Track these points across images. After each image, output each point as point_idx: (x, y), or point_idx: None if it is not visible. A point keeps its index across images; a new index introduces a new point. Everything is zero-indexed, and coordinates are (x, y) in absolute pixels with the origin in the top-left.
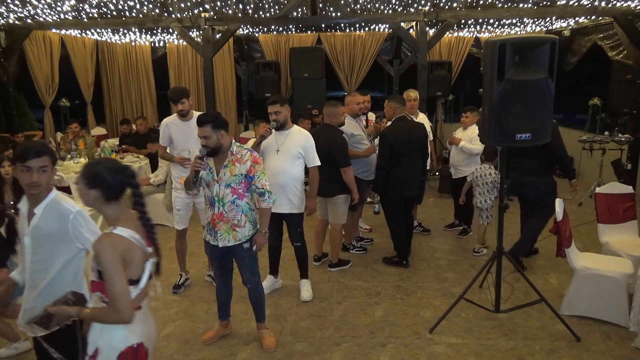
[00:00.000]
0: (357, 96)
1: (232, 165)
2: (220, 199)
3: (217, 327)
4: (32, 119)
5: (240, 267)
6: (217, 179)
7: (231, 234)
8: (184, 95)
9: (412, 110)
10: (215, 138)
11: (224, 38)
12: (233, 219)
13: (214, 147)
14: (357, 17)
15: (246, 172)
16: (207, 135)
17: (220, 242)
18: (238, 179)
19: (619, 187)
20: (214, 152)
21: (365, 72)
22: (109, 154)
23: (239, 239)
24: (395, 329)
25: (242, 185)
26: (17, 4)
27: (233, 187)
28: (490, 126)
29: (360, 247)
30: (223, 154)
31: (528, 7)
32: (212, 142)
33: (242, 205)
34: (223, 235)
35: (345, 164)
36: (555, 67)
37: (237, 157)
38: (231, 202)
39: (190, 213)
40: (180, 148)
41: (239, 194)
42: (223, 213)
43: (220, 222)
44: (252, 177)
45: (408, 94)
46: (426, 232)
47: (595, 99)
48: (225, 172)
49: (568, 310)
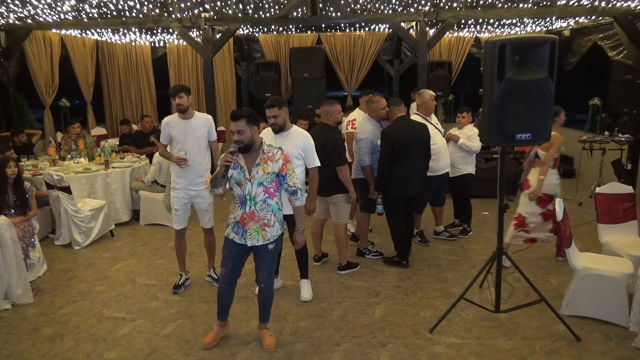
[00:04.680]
0: (381, 100)
1: (264, 163)
2: (252, 197)
3: (216, 329)
4: (32, 119)
5: (259, 266)
6: (249, 177)
7: (260, 233)
8: (182, 90)
9: (430, 110)
10: (249, 133)
11: (224, 38)
12: (264, 218)
13: (248, 143)
14: (357, 17)
15: (278, 171)
16: (242, 129)
17: (248, 241)
18: (270, 177)
19: (619, 187)
20: (247, 148)
21: (365, 72)
22: (109, 154)
23: (268, 238)
24: (395, 329)
25: (274, 184)
26: (17, 4)
27: (265, 185)
28: (490, 126)
29: (376, 251)
30: (255, 152)
31: (528, 7)
32: (246, 137)
33: (272, 205)
34: (252, 234)
35: (339, 163)
36: (555, 67)
37: (269, 155)
38: (263, 200)
39: (188, 213)
40: (179, 147)
41: (270, 193)
42: (255, 212)
43: (250, 221)
44: (284, 175)
45: (430, 93)
46: (424, 243)
47: (595, 99)
48: (258, 171)
49: (568, 310)
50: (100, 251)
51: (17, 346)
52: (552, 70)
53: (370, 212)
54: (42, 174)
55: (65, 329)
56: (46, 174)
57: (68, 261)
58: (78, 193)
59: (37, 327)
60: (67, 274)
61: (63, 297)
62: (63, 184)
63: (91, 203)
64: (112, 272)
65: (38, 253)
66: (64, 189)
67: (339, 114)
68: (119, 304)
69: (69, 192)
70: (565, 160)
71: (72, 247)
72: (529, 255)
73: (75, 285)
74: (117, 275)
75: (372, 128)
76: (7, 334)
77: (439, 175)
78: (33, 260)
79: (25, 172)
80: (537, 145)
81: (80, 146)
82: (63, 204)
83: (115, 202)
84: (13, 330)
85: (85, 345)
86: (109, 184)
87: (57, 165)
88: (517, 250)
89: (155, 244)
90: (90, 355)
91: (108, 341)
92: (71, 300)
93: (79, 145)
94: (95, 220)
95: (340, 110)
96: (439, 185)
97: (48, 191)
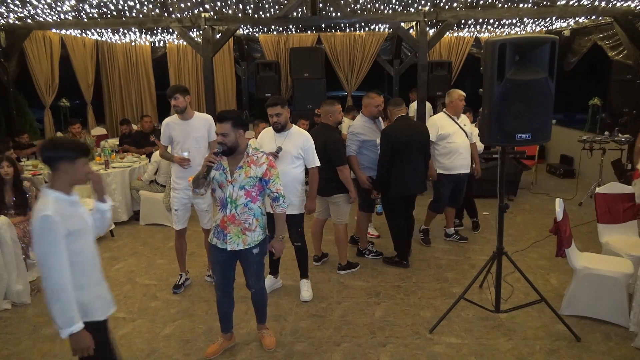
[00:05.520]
0: (376, 98)
1: (247, 166)
2: (233, 200)
3: (220, 341)
4: (32, 119)
5: (246, 271)
6: (231, 180)
7: (241, 237)
8: (178, 91)
9: (458, 110)
10: (233, 137)
11: (224, 38)
12: (244, 222)
13: (231, 146)
14: (357, 17)
15: (261, 175)
16: (226, 132)
17: (229, 245)
18: (253, 181)
19: (619, 187)
20: (230, 150)
21: (365, 72)
22: (109, 154)
23: (248, 243)
24: (395, 329)
25: (256, 188)
26: (17, 4)
27: (247, 189)
28: (490, 126)
29: (376, 251)
30: (239, 155)
31: (528, 7)
32: (230, 140)
33: (254, 209)
34: (233, 238)
35: (340, 162)
36: (555, 67)
37: (253, 159)
38: (244, 204)
39: (188, 213)
40: (179, 148)
41: (252, 197)
42: (235, 215)
43: (231, 224)
44: (267, 180)
45: (459, 93)
46: (426, 243)
47: (595, 99)
48: (240, 174)
49: (568, 310)
50: (100, 251)
51: (17, 346)
52: (552, 70)
53: (369, 211)
54: (42, 174)
55: None
56: (46, 174)
57: None
58: (78, 193)
59: (37, 327)
60: None
61: None
62: None
63: (91, 203)
64: (112, 272)
65: None
66: None
67: (339, 114)
68: (119, 304)
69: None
70: (565, 160)
71: None
72: (529, 255)
73: None
74: (117, 275)
75: (362, 123)
76: (7, 334)
77: (454, 174)
78: (33, 260)
79: (25, 172)
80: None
81: None
82: None
83: (115, 202)
84: (13, 330)
85: None
86: (108, 184)
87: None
88: (517, 250)
89: (155, 244)
90: None
91: None
92: None
93: None
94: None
95: (340, 110)
96: (457, 186)
97: None
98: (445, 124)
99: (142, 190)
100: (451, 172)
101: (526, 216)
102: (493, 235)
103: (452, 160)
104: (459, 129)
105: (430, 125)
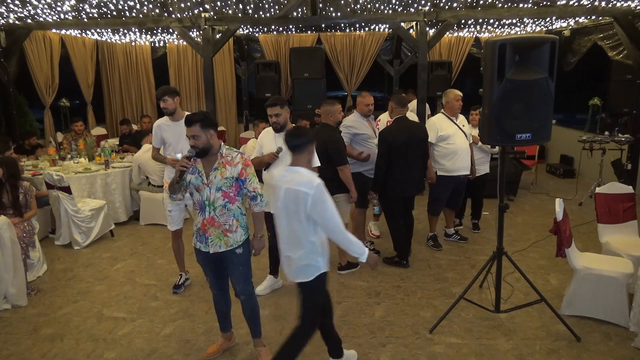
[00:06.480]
0: (367, 97)
1: (222, 167)
2: (210, 203)
3: (220, 341)
4: (32, 119)
5: (232, 275)
6: (207, 182)
7: (222, 239)
8: (166, 93)
9: (455, 110)
10: (204, 138)
11: (224, 38)
12: (224, 223)
13: (204, 147)
14: (357, 17)
15: (237, 175)
16: (196, 134)
17: (211, 248)
18: (229, 182)
19: (619, 187)
20: (203, 152)
21: (365, 72)
22: (108, 154)
23: (231, 244)
24: (395, 329)
25: (233, 188)
26: (17, 4)
27: (224, 190)
28: (490, 126)
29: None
30: (212, 156)
31: (528, 7)
32: (201, 141)
33: (233, 210)
34: (214, 241)
35: (341, 162)
36: (555, 67)
37: (228, 159)
38: (222, 206)
39: (182, 214)
40: (171, 149)
41: (230, 198)
42: (214, 217)
43: (211, 227)
44: (243, 180)
45: (455, 93)
46: (436, 247)
47: (595, 99)
48: (215, 175)
49: (568, 310)
50: (100, 251)
51: (17, 346)
52: (552, 70)
53: (364, 207)
54: (42, 174)
55: (65, 329)
56: (46, 174)
57: (68, 261)
58: (78, 193)
59: (37, 327)
60: (67, 274)
61: (63, 297)
62: (63, 184)
63: (91, 203)
64: (112, 272)
65: (38, 253)
66: (64, 189)
67: (339, 114)
68: (119, 304)
69: (69, 192)
70: (565, 160)
71: (72, 247)
72: (529, 255)
73: (75, 285)
74: (117, 275)
75: (354, 118)
76: (7, 334)
77: (454, 176)
78: (33, 260)
79: (25, 172)
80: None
81: (80, 146)
82: (63, 204)
83: (115, 202)
84: (13, 330)
85: (85, 345)
86: (108, 184)
87: (57, 165)
88: (517, 250)
89: (155, 244)
90: (90, 355)
91: (108, 341)
92: (71, 300)
93: (79, 145)
94: (95, 220)
95: (340, 110)
96: (457, 188)
97: (48, 191)
98: (444, 125)
99: (142, 191)
100: (452, 174)
101: (526, 216)
102: (493, 235)
103: (453, 161)
104: (458, 129)
105: (429, 126)
